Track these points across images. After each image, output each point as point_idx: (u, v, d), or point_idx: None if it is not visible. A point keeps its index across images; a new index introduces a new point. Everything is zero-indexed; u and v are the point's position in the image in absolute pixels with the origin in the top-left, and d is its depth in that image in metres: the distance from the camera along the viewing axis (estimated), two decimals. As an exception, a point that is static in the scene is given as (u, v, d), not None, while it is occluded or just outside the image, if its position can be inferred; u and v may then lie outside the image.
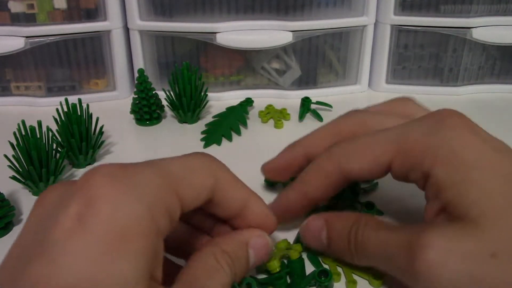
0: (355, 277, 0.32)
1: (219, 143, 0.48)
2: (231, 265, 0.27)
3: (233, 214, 0.29)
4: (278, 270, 0.31)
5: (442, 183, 0.27)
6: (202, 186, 0.26)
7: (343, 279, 0.32)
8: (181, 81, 0.50)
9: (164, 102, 0.53)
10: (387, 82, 0.59)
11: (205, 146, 0.48)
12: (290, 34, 0.54)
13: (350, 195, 0.38)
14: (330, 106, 0.54)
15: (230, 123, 0.51)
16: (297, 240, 0.34)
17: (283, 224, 0.35)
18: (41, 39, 0.53)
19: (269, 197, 0.40)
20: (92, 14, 0.53)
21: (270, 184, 0.41)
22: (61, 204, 0.22)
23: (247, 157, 0.46)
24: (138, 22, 0.54)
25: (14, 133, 0.39)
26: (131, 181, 0.22)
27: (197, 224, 0.31)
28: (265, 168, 0.38)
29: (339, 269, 0.32)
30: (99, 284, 0.20)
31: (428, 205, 0.29)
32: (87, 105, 0.44)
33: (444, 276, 0.25)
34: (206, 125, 0.51)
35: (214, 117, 0.53)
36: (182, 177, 0.25)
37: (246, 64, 0.58)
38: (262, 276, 0.32)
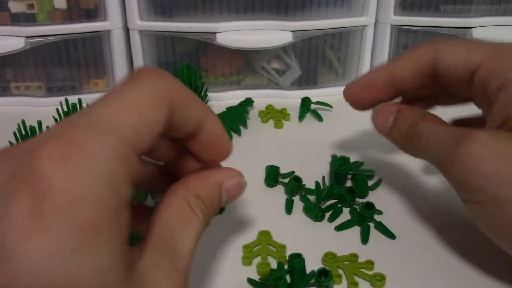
0: (357, 279, 0.32)
1: (219, 143, 0.48)
2: (204, 212, 0.26)
3: (188, 134, 0.26)
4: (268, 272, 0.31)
5: None
6: (155, 123, 0.23)
7: (344, 280, 0.32)
8: (181, 81, 0.50)
9: (164, 102, 0.53)
10: (387, 82, 0.59)
11: (205, 146, 0.48)
12: (290, 34, 0.54)
13: (349, 195, 0.38)
14: (330, 106, 0.54)
15: (230, 123, 0.51)
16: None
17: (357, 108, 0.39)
18: (41, 39, 0.53)
19: (269, 197, 0.40)
20: (92, 14, 0.53)
21: (270, 185, 0.41)
22: (7, 196, 0.19)
23: (247, 157, 0.46)
24: (138, 22, 0.54)
25: (14, 133, 0.39)
26: (81, 159, 0.19)
27: (158, 156, 0.28)
28: (346, 91, 0.38)
29: (340, 271, 0.32)
30: (75, 283, 0.18)
31: (490, 118, 0.30)
32: (87, 105, 0.44)
33: (480, 169, 0.27)
34: (206, 125, 0.51)
35: (214, 117, 0.53)
36: (134, 129, 0.22)
37: (246, 64, 0.58)
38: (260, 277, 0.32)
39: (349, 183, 0.42)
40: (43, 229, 0.18)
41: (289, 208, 0.39)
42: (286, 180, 0.41)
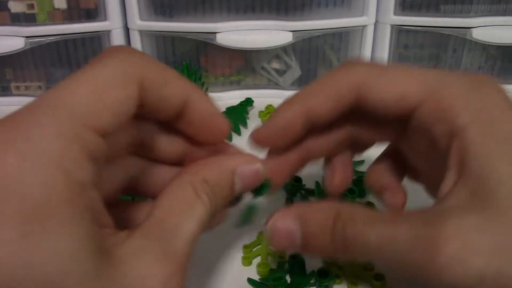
0: (357, 279, 0.32)
1: (219, 143, 0.48)
2: (211, 197, 0.24)
3: (173, 114, 0.24)
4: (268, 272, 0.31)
5: (473, 147, 0.23)
6: (118, 102, 0.21)
7: (343, 280, 0.32)
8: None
9: (164, 102, 0.53)
10: (387, 82, 0.59)
11: (205, 146, 0.48)
12: (290, 34, 0.54)
13: (349, 195, 0.38)
14: (330, 106, 0.54)
15: (230, 123, 0.51)
16: None
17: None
18: (41, 39, 0.53)
19: (269, 197, 0.40)
20: (92, 14, 0.53)
21: (270, 184, 0.41)
22: None
23: (247, 157, 0.46)
24: (138, 22, 0.54)
25: (14, 133, 0.39)
26: (22, 140, 0.18)
27: (163, 156, 0.27)
28: (254, 135, 0.29)
29: (340, 271, 0.32)
30: (33, 269, 0.17)
31: (447, 173, 0.25)
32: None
33: (470, 273, 0.21)
34: (206, 125, 0.51)
35: (214, 117, 0.53)
36: (89, 109, 0.20)
37: (246, 64, 0.58)
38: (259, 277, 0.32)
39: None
40: None
41: (289, 208, 0.39)
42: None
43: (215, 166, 0.25)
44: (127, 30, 0.55)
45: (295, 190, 0.40)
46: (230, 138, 0.49)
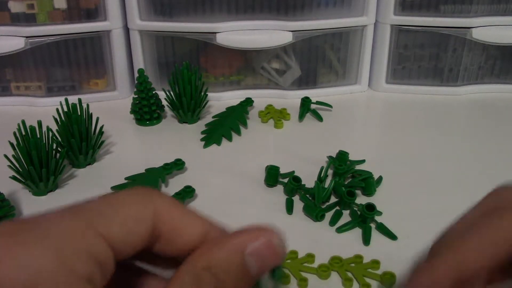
0: (368, 280, 0.32)
1: (219, 143, 0.48)
2: (217, 285, 0.21)
3: (192, 247, 0.22)
4: None
5: None
6: (135, 217, 0.20)
7: (355, 283, 0.32)
8: (181, 81, 0.50)
9: (164, 102, 0.53)
10: (387, 82, 0.59)
11: (205, 146, 0.48)
12: (290, 34, 0.54)
13: (348, 197, 0.38)
14: (330, 106, 0.54)
15: (230, 123, 0.51)
16: None
17: None
18: (41, 39, 0.53)
19: (269, 198, 0.40)
20: (92, 14, 0.53)
21: (270, 185, 0.41)
22: None
23: (247, 157, 0.46)
24: (138, 22, 0.54)
25: (14, 133, 0.39)
26: (34, 233, 0.19)
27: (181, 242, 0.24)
28: None
29: (350, 274, 0.32)
30: None
31: None
32: (87, 105, 0.44)
33: None
34: (206, 125, 0.51)
35: (214, 117, 0.53)
36: (105, 212, 0.20)
37: (246, 64, 0.58)
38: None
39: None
40: None
41: (289, 208, 0.39)
42: (286, 180, 0.41)
43: (219, 248, 0.21)
44: (127, 30, 0.55)
45: (295, 190, 0.40)
46: (230, 138, 0.49)
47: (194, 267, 0.21)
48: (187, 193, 0.39)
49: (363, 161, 0.44)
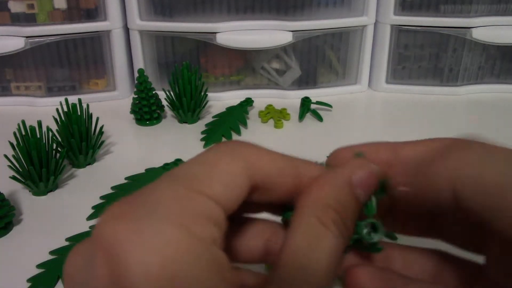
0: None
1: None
2: (339, 222, 0.21)
3: (291, 192, 0.23)
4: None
5: None
6: (231, 173, 0.21)
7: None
8: (181, 81, 0.50)
9: (164, 102, 0.53)
10: (387, 82, 0.59)
11: (205, 146, 0.48)
12: (290, 34, 0.54)
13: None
14: (330, 106, 0.54)
15: (230, 123, 0.51)
16: None
17: None
18: (41, 39, 0.53)
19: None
20: (92, 14, 0.53)
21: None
22: (87, 272, 0.18)
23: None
24: (138, 22, 0.54)
25: (14, 133, 0.39)
26: (147, 212, 0.19)
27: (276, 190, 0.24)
28: None
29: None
30: None
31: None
32: (87, 105, 0.44)
33: None
34: (206, 125, 0.51)
35: (214, 117, 0.53)
36: (200, 174, 0.20)
37: (246, 64, 0.58)
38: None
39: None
40: None
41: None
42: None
43: (330, 185, 0.22)
44: (127, 30, 0.55)
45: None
46: (230, 138, 0.49)
47: (315, 208, 0.21)
48: (187, 193, 0.39)
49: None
